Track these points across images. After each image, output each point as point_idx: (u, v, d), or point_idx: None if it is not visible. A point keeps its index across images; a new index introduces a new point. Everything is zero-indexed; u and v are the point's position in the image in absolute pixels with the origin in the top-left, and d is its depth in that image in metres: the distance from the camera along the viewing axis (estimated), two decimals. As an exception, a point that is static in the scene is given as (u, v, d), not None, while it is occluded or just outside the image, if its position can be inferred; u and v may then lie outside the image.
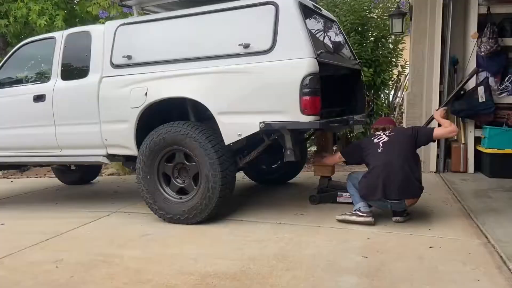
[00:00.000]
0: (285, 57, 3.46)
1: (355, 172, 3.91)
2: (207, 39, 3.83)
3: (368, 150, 3.69)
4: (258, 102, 3.55)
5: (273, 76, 3.50)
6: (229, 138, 3.68)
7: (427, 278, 2.53)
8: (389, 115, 8.29)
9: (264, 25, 3.56)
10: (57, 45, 4.56)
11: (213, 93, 3.70)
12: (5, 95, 4.81)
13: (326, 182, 4.38)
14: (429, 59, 5.85)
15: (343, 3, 6.95)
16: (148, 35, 4.10)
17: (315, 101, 3.40)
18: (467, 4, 5.75)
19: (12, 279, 2.81)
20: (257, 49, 3.56)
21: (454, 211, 3.92)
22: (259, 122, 3.52)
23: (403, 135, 3.73)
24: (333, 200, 4.26)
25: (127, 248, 3.31)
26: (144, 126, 4.06)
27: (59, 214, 4.60)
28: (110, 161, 4.41)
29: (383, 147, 3.60)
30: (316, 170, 4.40)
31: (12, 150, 4.80)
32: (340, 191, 4.23)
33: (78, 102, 4.33)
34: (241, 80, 3.60)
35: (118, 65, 4.14)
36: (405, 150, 3.59)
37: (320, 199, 4.31)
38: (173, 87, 3.85)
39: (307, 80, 3.36)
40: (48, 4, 8.22)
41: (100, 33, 4.31)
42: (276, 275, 2.65)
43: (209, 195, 3.66)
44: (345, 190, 4.08)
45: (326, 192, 4.35)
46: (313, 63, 3.40)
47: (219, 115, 3.68)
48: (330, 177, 4.43)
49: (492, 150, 5.34)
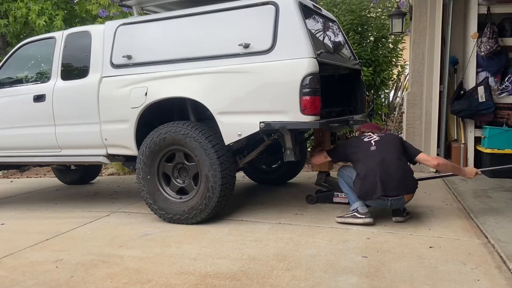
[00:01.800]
0: (285, 57, 3.46)
1: (345, 168, 3.85)
2: (207, 39, 3.82)
3: (358, 148, 3.68)
4: (258, 102, 3.55)
5: (273, 76, 3.50)
6: (229, 138, 3.68)
7: (427, 278, 2.53)
8: (389, 115, 8.30)
9: (264, 25, 3.56)
10: (57, 45, 4.56)
11: (213, 93, 3.69)
12: (5, 95, 4.81)
13: (324, 177, 4.37)
14: (429, 59, 5.85)
15: (342, 3, 6.96)
16: (148, 35, 4.10)
17: (315, 101, 3.40)
18: (467, 4, 5.75)
19: (12, 279, 2.81)
20: (257, 49, 3.56)
21: (454, 211, 3.92)
22: (259, 122, 3.52)
23: (393, 138, 3.78)
24: (329, 201, 4.27)
25: (127, 248, 3.31)
26: (144, 126, 4.06)
27: (59, 214, 4.60)
28: (110, 161, 4.40)
29: (375, 145, 3.60)
30: (313, 165, 4.40)
31: (12, 150, 4.80)
32: (336, 191, 4.24)
33: (78, 102, 4.33)
34: (241, 80, 3.60)
35: (118, 65, 4.14)
36: (397, 148, 3.60)
37: (317, 199, 4.33)
38: (173, 87, 3.85)
39: (307, 80, 3.36)
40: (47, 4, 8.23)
41: (100, 33, 4.31)
42: (276, 275, 2.65)
43: (209, 195, 3.67)
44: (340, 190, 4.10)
45: (323, 192, 4.36)
46: (313, 63, 3.40)
47: (219, 115, 3.68)
48: (328, 172, 4.43)
49: (492, 150, 5.34)
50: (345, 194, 3.86)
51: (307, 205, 4.28)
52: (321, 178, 4.38)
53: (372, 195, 3.47)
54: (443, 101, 5.84)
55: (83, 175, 6.48)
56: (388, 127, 7.76)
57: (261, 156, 5.23)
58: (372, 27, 6.92)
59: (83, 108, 4.30)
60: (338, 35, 4.55)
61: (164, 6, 4.38)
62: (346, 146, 3.88)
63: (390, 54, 7.05)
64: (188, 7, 4.03)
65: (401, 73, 8.27)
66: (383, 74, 6.86)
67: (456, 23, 5.83)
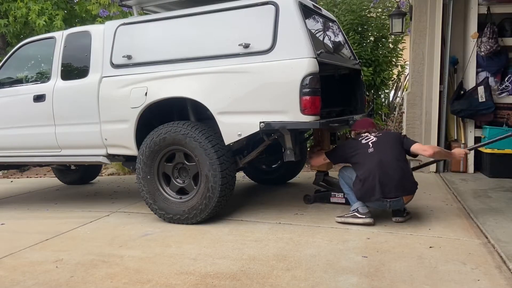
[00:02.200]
0: (285, 57, 3.46)
1: (346, 169, 3.85)
2: (207, 39, 3.82)
3: (356, 150, 3.67)
4: (258, 102, 3.55)
5: (273, 76, 3.50)
6: (229, 138, 3.68)
7: (427, 278, 2.53)
8: (389, 115, 8.30)
9: (264, 25, 3.56)
10: (57, 45, 4.56)
11: (213, 93, 3.69)
12: (5, 95, 4.81)
13: (322, 177, 4.36)
14: (429, 59, 5.85)
15: (342, 3, 6.96)
16: (148, 35, 4.10)
17: (315, 101, 3.40)
18: (467, 4, 5.75)
19: (12, 279, 2.81)
20: (257, 49, 3.56)
21: (454, 211, 3.92)
22: (259, 122, 3.51)
23: (391, 136, 3.77)
24: (327, 201, 4.27)
25: (127, 248, 3.31)
26: (144, 126, 4.06)
27: (59, 214, 4.60)
28: (110, 161, 4.40)
29: (373, 147, 3.59)
30: (312, 165, 4.38)
31: (12, 150, 4.80)
32: (334, 191, 4.24)
33: (78, 102, 4.33)
34: (241, 80, 3.60)
35: (118, 65, 4.14)
36: (396, 149, 3.59)
37: (314, 199, 4.33)
38: (173, 87, 3.85)
39: (307, 80, 3.36)
40: (47, 4, 8.23)
41: (100, 33, 4.31)
42: (276, 275, 2.65)
43: (209, 195, 3.66)
44: (338, 190, 4.11)
45: (321, 192, 4.37)
46: (313, 63, 3.40)
47: (219, 115, 3.68)
48: (327, 172, 4.42)
49: (492, 150, 5.34)
50: (346, 194, 3.86)
51: (307, 205, 4.28)
52: (319, 177, 4.38)
53: (370, 197, 3.47)
54: (443, 101, 5.84)
55: (83, 175, 6.49)
56: (388, 127, 7.76)
57: (261, 156, 5.24)
58: (372, 27, 6.92)
59: (83, 108, 4.30)
60: (338, 35, 4.55)
61: (164, 6, 4.38)
62: (345, 148, 3.87)
63: (390, 54, 7.05)
64: (188, 7, 4.03)
65: (401, 73, 8.28)
66: (383, 74, 6.86)
67: (456, 23, 5.83)
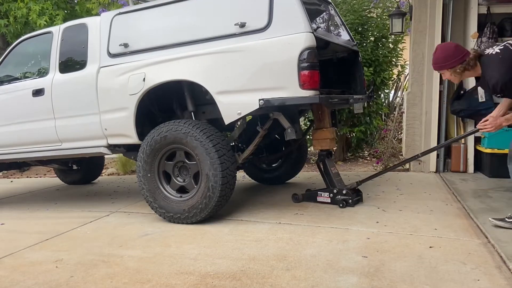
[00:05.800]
0: (281, 33, 3.46)
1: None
2: (203, 21, 3.82)
3: None
4: (257, 79, 3.54)
5: (270, 53, 3.49)
6: (229, 117, 3.67)
7: (427, 278, 2.53)
8: (389, 115, 8.29)
9: (259, 3, 3.56)
10: (54, 39, 4.58)
11: (211, 74, 3.68)
12: (4, 92, 4.81)
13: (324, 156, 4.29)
14: (429, 59, 5.84)
15: (343, 3, 6.96)
16: (144, 22, 4.11)
17: (313, 75, 3.38)
18: (467, 4, 5.75)
19: (12, 279, 2.81)
20: (254, 28, 3.56)
21: (454, 211, 3.92)
22: (258, 100, 3.50)
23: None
24: (313, 200, 4.28)
25: (127, 248, 3.31)
26: (143, 115, 4.06)
27: (59, 214, 4.60)
28: (111, 152, 4.38)
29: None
30: (315, 144, 4.34)
31: (12, 146, 4.80)
32: (320, 190, 4.25)
33: (76, 94, 4.33)
34: (239, 58, 3.59)
35: (115, 54, 4.16)
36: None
37: (302, 198, 4.34)
38: (171, 71, 3.84)
39: (304, 55, 3.36)
40: (48, 4, 8.24)
41: (97, 24, 4.32)
42: (276, 275, 2.65)
43: (209, 194, 3.67)
44: (324, 189, 4.12)
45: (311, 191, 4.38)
46: (310, 37, 3.40)
47: (218, 94, 3.66)
48: (331, 152, 4.38)
49: (492, 150, 5.33)
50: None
51: (307, 205, 4.27)
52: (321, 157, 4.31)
53: None
54: (443, 101, 5.83)
55: (85, 175, 6.49)
56: (388, 127, 7.76)
57: (262, 155, 5.25)
58: (373, 27, 6.92)
59: (82, 100, 4.29)
60: (335, 16, 4.56)
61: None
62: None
63: (390, 54, 7.05)
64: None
65: (401, 73, 8.28)
66: (383, 74, 6.86)
67: (456, 23, 5.83)
